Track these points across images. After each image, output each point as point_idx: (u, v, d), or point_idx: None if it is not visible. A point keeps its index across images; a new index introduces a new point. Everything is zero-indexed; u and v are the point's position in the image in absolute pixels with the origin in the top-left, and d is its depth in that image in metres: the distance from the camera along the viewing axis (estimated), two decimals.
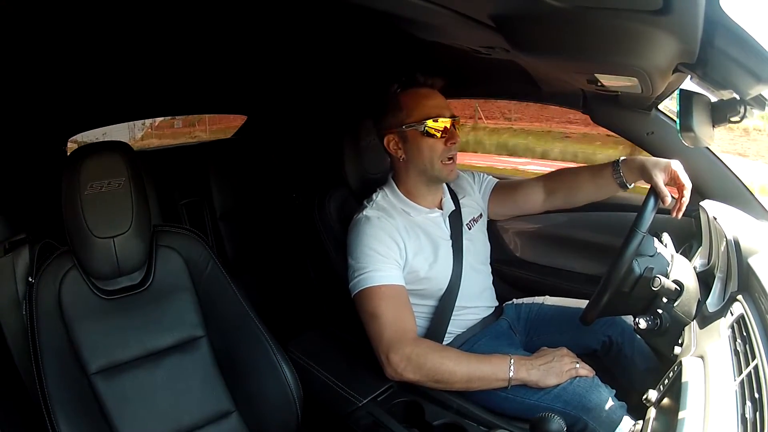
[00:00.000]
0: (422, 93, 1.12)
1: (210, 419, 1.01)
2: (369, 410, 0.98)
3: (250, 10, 1.09)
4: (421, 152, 1.11)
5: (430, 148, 1.10)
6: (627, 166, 1.09)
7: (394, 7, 0.81)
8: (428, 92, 1.12)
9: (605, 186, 1.13)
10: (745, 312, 0.73)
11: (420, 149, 1.10)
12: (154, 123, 7.44)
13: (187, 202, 1.84)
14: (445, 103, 1.12)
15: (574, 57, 0.78)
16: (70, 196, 0.92)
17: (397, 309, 1.02)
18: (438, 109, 1.10)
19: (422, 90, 1.12)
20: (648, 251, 0.96)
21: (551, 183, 1.23)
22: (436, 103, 1.11)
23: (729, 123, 0.87)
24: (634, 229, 0.94)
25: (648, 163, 1.02)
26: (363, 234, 1.07)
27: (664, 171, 0.99)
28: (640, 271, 0.93)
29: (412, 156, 1.12)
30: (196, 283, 1.06)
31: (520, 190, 1.25)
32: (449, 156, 1.11)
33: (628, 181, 1.09)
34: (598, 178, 1.14)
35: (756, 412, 0.55)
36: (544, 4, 0.62)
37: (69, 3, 0.88)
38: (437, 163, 1.10)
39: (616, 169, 1.10)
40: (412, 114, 1.10)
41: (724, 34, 0.63)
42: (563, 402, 0.95)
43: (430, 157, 1.10)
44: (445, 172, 1.12)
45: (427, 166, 1.11)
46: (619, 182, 1.10)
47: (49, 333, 0.91)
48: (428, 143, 1.09)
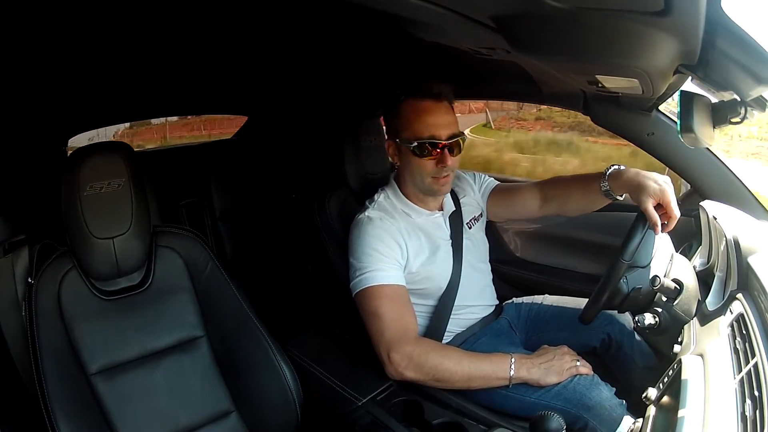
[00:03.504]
0: (423, 107, 1.06)
1: (209, 419, 1.01)
2: (368, 409, 0.97)
3: (250, 11, 1.09)
4: (411, 168, 1.10)
5: (420, 167, 1.08)
6: (614, 180, 1.03)
7: (395, 7, 0.81)
8: (430, 106, 1.06)
9: (595, 197, 1.08)
10: (744, 310, 0.73)
11: (411, 165, 1.09)
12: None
13: (187, 202, 1.84)
14: (447, 120, 1.06)
15: (575, 58, 0.78)
16: (70, 196, 0.92)
17: (398, 308, 1.02)
18: (434, 128, 1.04)
19: (424, 103, 1.06)
20: (641, 261, 0.94)
21: (547, 190, 1.20)
22: (434, 120, 1.05)
23: (729, 124, 0.87)
24: (620, 259, 0.92)
25: (634, 184, 0.95)
26: (365, 234, 1.07)
27: (653, 197, 0.91)
28: (627, 290, 0.94)
29: (404, 168, 1.12)
30: (196, 283, 1.06)
31: (518, 194, 1.24)
32: (442, 174, 1.08)
33: (616, 193, 1.04)
34: (588, 189, 1.10)
35: (756, 410, 0.55)
36: (545, 5, 0.62)
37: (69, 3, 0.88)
38: (427, 179, 1.09)
39: (603, 180, 1.04)
40: (407, 128, 1.07)
41: (725, 36, 0.63)
42: (563, 400, 0.95)
43: (419, 174, 1.09)
44: (435, 188, 1.10)
45: (417, 181, 1.11)
46: (606, 194, 1.05)
47: (48, 333, 0.91)
48: (418, 162, 1.07)
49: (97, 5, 0.91)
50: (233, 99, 2.09)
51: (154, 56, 1.34)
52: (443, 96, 1.08)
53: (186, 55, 1.39)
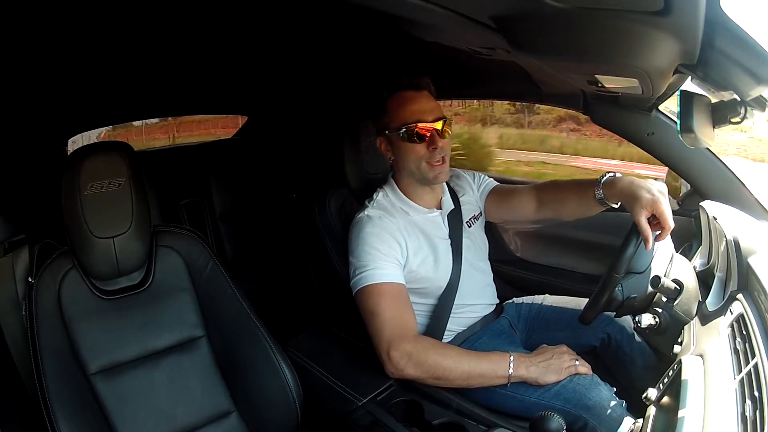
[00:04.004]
0: (406, 97, 1.10)
1: (209, 419, 1.01)
2: (368, 409, 0.97)
3: (250, 11, 1.09)
4: (405, 156, 1.11)
5: (413, 152, 1.10)
6: (608, 188, 1.01)
7: (395, 8, 0.81)
8: (412, 95, 1.10)
9: (590, 204, 1.06)
10: (744, 311, 0.73)
11: (403, 153, 1.11)
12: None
13: (187, 202, 1.84)
14: (430, 106, 1.10)
15: (575, 58, 0.78)
16: (70, 196, 0.92)
17: (398, 307, 1.02)
18: (419, 113, 1.08)
19: (406, 93, 1.11)
20: (638, 267, 0.94)
21: (543, 194, 1.19)
22: (418, 107, 1.09)
23: (729, 124, 0.87)
24: (612, 273, 0.92)
25: (627, 194, 0.94)
26: (365, 233, 1.07)
27: (647, 208, 0.90)
28: (622, 298, 0.95)
29: (399, 159, 1.13)
30: (196, 283, 1.06)
31: (515, 197, 1.24)
32: (435, 159, 1.09)
33: (611, 201, 1.02)
34: (582, 196, 1.08)
35: (756, 410, 0.55)
36: (544, 5, 0.62)
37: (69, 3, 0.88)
38: (423, 165, 1.10)
39: (598, 188, 1.03)
40: (394, 119, 1.10)
41: (724, 35, 0.63)
42: (563, 400, 0.95)
43: (414, 161, 1.10)
44: (432, 174, 1.11)
45: (413, 169, 1.12)
46: (600, 202, 1.03)
47: (48, 333, 0.91)
48: (409, 148, 1.09)
49: (96, 5, 0.91)
50: (233, 99, 2.09)
51: (154, 56, 1.34)
52: (422, 87, 1.12)
53: (186, 55, 1.39)
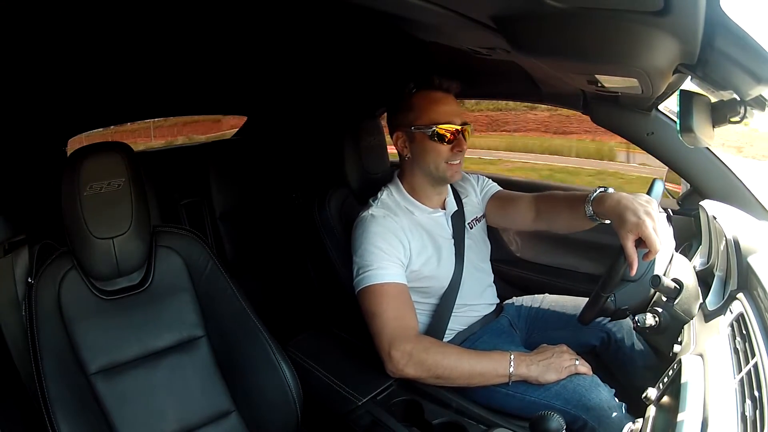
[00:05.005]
0: (435, 97, 1.11)
1: (210, 419, 1.01)
2: (368, 409, 0.97)
3: (250, 11, 1.09)
4: (426, 155, 1.11)
5: (436, 152, 1.10)
6: (597, 205, 0.98)
7: (395, 8, 0.81)
8: (442, 97, 1.11)
9: (581, 219, 1.03)
10: (744, 310, 0.73)
11: (425, 152, 1.11)
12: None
13: (187, 202, 1.84)
14: (458, 110, 1.12)
15: (575, 58, 0.78)
16: (70, 196, 0.92)
17: (400, 307, 1.02)
18: (448, 115, 1.09)
19: (436, 94, 1.11)
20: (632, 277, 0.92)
21: (540, 205, 1.18)
22: (447, 109, 1.10)
23: (729, 123, 0.87)
24: (599, 293, 0.92)
25: (614, 215, 0.91)
26: (368, 232, 1.07)
27: (632, 232, 0.86)
28: (614, 308, 0.96)
29: (417, 157, 1.13)
30: (196, 283, 1.06)
31: (514, 204, 1.23)
32: (456, 160, 1.11)
33: (600, 218, 0.99)
34: (574, 210, 1.05)
35: (756, 410, 0.55)
36: (544, 5, 0.62)
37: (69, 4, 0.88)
38: (441, 165, 1.11)
39: (587, 204, 1.00)
40: (422, 116, 1.10)
41: (724, 35, 0.63)
42: (563, 400, 0.95)
43: (434, 160, 1.11)
44: (449, 174, 1.12)
45: (431, 168, 1.12)
46: (591, 218, 1.00)
47: (48, 333, 0.91)
48: (434, 147, 1.10)
49: (96, 6, 0.91)
50: (233, 99, 2.09)
51: (154, 57, 1.34)
52: (451, 90, 1.13)
53: (186, 55, 1.39)
